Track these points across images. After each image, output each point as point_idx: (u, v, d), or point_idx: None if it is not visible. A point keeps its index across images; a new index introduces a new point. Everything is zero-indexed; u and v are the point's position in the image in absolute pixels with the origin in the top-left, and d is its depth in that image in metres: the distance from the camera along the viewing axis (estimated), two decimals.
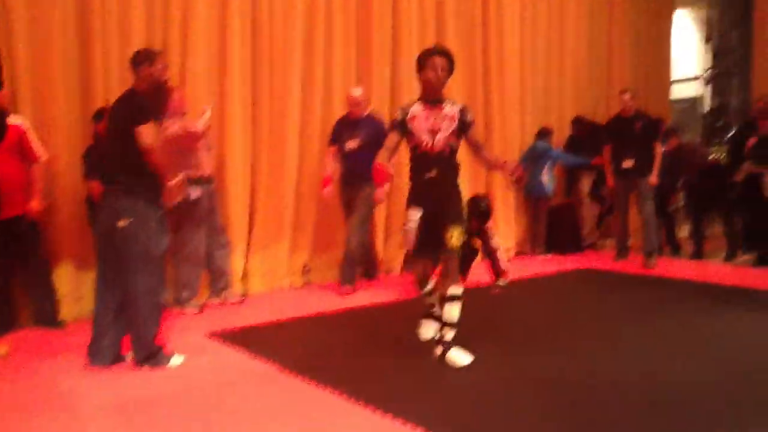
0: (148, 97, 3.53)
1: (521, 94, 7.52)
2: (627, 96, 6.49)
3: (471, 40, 6.99)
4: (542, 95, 7.77)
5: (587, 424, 2.70)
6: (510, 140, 7.32)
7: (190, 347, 3.90)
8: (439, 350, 3.51)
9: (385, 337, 4.07)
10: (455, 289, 3.51)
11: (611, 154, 6.64)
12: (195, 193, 4.74)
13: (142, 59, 3.55)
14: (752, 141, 6.32)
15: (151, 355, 3.50)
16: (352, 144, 5.35)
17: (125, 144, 3.40)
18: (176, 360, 3.59)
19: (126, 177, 3.45)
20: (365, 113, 5.44)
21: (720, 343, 3.86)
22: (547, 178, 7.14)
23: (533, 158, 7.13)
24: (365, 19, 6.16)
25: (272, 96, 5.63)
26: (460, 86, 6.75)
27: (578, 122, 7.64)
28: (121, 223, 3.39)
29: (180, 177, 3.99)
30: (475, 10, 6.99)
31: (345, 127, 5.45)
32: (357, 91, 5.45)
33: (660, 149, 6.55)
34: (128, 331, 3.54)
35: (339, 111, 5.78)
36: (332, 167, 5.45)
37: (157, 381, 3.34)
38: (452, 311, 3.51)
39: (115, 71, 4.76)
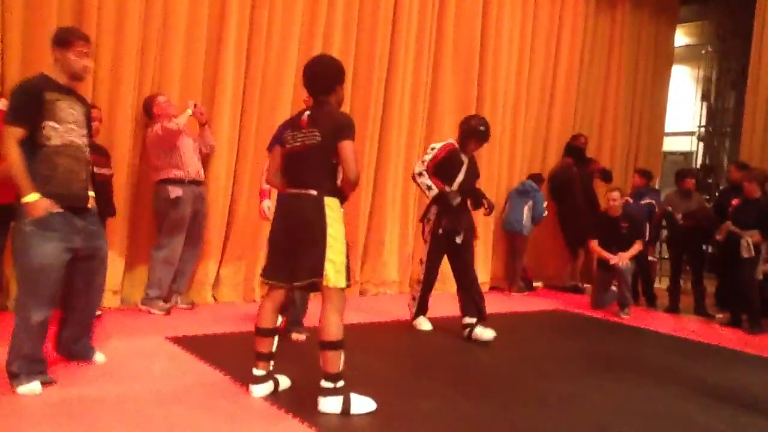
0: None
1: (512, 135, 7.64)
2: (615, 195, 6.59)
3: (466, 77, 7.09)
4: (531, 141, 7.89)
5: None
6: (496, 176, 7.38)
7: (148, 349, 3.90)
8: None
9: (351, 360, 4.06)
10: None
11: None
12: (175, 192, 4.75)
13: (56, 41, 3.20)
14: (736, 202, 6.39)
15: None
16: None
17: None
18: (99, 357, 3.56)
19: None
20: None
21: (674, 399, 3.86)
22: (526, 216, 7.22)
23: (519, 194, 7.32)
24: (366, 47, 6.25)
25: (262, 100, 5.65)
26: (453, 118, 6.86)
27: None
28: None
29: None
30: (472, 46, 7.09)
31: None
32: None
33: (639, 247, 6.64)
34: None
35: None
36: None
37: (102, 381, 3.31)
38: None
39: (106, 60, 4.79)
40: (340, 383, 3.05)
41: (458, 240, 4.84)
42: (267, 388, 3.24)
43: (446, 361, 4.33)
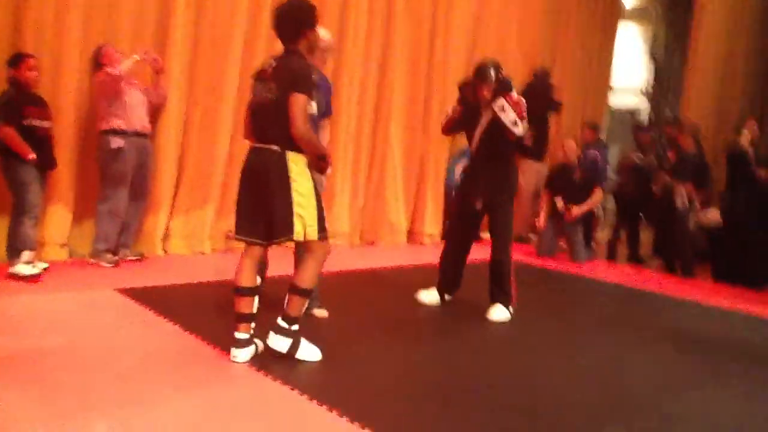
0: None
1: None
2: (571, 143, 6.77)
3: (418, 42, 7.10)
4: None
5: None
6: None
7: (97, 301, 3.92)
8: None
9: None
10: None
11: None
12: (116, 143, 4.71)
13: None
14: (671, 156, 6.66)
15: None
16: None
17: None
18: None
19: None
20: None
21: (603, 345, 4.11)
22: (457, 174, 7.42)
23: (460, 154, 7.55)
24: None
25: (212, 52, 5.54)
26: (404, 84, 6.92)
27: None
28: None
29: None
30: (424, 12, 7.08)
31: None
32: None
33: (599, 194, 6.90)
34: None
35: None
36: None
37: (51, 332, 3.32)
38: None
39: (48, 19, 4.66)
40: (295, 327, 3.12)
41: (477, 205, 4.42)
42: (249, 352, 3.11)
43: (393, 312, 4.47)
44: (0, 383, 2.67)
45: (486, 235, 7.82)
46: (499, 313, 4.31)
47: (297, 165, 3.01)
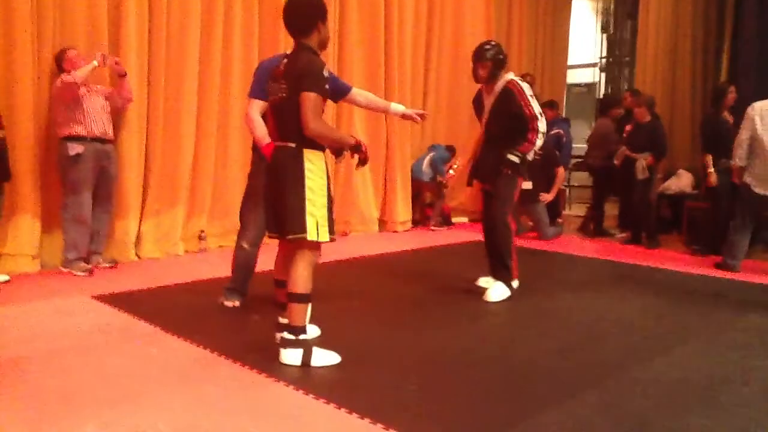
0: None
1: (424, 75, 7.83)
2: None
3: (373, 29, 7.15)
4: (446, 77, 8.10)
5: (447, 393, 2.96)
6: (407, 125, 7.49)
7: (74, 308, 3.93)
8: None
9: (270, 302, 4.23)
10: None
11: None
12: (74, 149, 4.68)
13: None
14: (628, 128, 6.83)
15: None
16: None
17: None
18: None
19: None
20: None
21: (573, 312, 4.25)
22: (425, 165, 7.61)
23: (427, 151, 7.73)
24: None
25: (169, 54, 5.54)
26: (362, 70, 6.97)
27: None
28: None
29: None
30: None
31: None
32: None
33: (562, 173, 7.07)
34: None
35: (239, 65, 5.84)
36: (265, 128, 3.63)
37: (29, 340, 3.34)
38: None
39: None
40: (302, 336, 3.04)
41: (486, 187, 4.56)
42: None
43: (380, 300, 4.55)
44: None
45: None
46: (497, 292, 4.34)
47: (313, 163, 3.00)
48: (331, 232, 3.05)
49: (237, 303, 4.06)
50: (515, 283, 4.44)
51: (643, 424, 2.55)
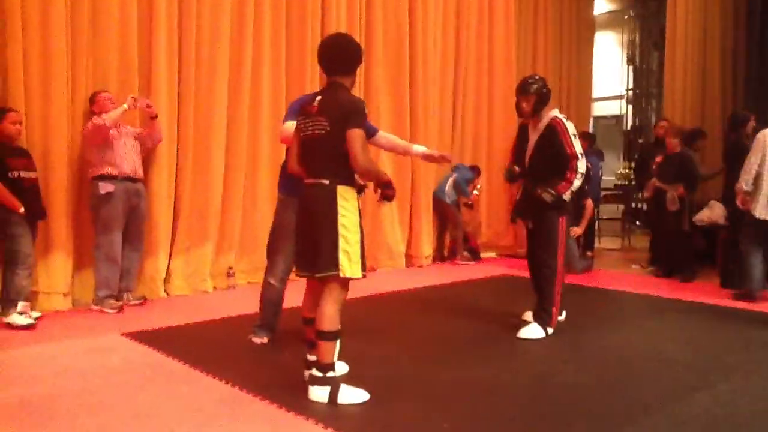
0: None
1: (452, 109, 7.89)
2: None
3: (398, 70, 7.23)
4: (472, 114, 8.15)
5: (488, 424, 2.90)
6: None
7: (104, 346, 3.94)
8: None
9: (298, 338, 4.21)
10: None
11: None
12: (105, 188, 4.77)
13: None
14: (659, 159, 6.74)
15: None
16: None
17: None
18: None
19: None
20: None
21: (611, 348, 4.15)
22: (449, 186, 7.58)
23: (451, 172, 7.69)
24: (295, 18, 6.30)
25: (197, 93, 5.65)
26: (388, 109, 7.08)
27: None
28: None
29: None
30: (401, 40, 7.22)
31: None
32: None
33: (590, 205, 7.00)
34: None
35: (267, 105, 5.93)
36: None
37: (61, 379, 3.35)
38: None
39: (34, 71, 4.74)
40: (330, 373, 3.02)
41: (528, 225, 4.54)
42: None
43: (395, 328, 4.51)
44: (19, 430, 2.69)
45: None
46: (531, 331, 4.26)
47: (346, 200, 3.01)
48: (363, 268, 3.04)
49: (266, 340, 4.05)
50: (550, 330, 4.31)
51: None
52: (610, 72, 12.33)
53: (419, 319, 4.86)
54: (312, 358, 3.15)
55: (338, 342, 3.06)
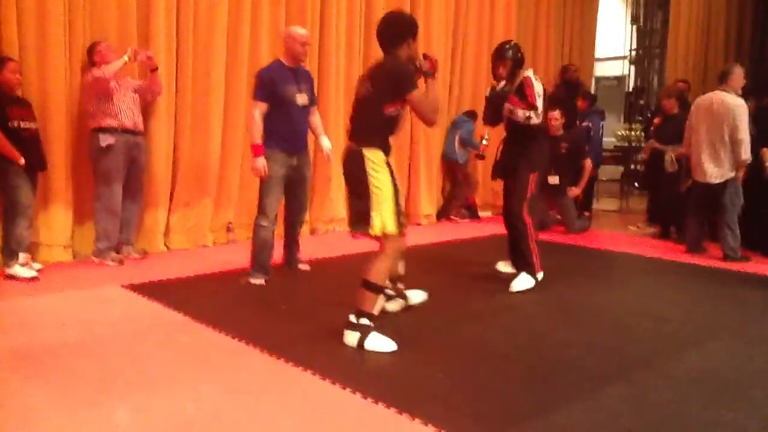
0: None
1: (451, 67, 7.79)
2: (556, 114, 6.82)
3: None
4: (470, 69, 8.06)
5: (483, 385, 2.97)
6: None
7: (105, 297, 4.00)
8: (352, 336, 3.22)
9: (300, 294, 4.27)
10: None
11: None
12: (106, 140, 4.76)
13: None
14: (657, 120, 6.73)
15: None
16: (303, 99, 4.50)
17: None
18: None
19: None
20: (304, 62, 4.70)
21: (602, 308, 4.21)
22: (457, 145, 7.55)
23: (452, 125, 7.67)
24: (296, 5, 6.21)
25: (196, 47, 5.59)
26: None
27: None
28: None
29: None
30: None
31: (284, 76, 4.43)
32: (304, 30, 4.66)
33: (589, 165, 7.01)
34: None
35: (267, 57, 5.75)
36: (261, 130, 4.36)
37: (63, 328, 3.41)
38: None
39: (30, 21, 4.69)
40: (363, 320, 3.19)
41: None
42: (396, 305, 3.73)
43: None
44: (21, 376, 2.76)
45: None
46: (521, 282, 4.43)
47: (374, 162, 3.18)
48: (399, 224, 3.19)
49: (263, 281, 4.34)
50: (540, 275, 4.51)
51: (671, 417, 2.53)
52: (612, 32, 12.16)
53: (415, 277, 4.90)
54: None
55: (380, 296, 3.27)
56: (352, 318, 3.21)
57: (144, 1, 5.26)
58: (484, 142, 6.87)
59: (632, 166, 9.89)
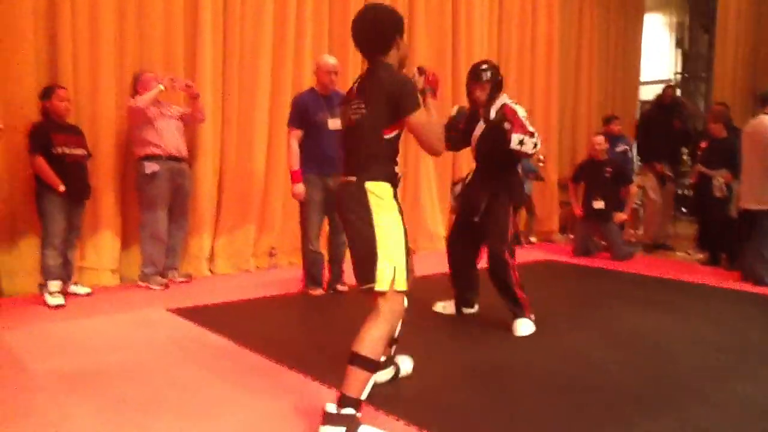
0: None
1: None
2: (600, 139, 6.78)
3: (441, 48, 7.22)
4: (512, 93, 8.03)
5: (519, 409, 2.90)
6: None
7: (151, 320, 4.06)
8: None
9: (344, 320, 4.26)
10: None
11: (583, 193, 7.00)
12: (150, 168, 4.87)
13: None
14: (704, 144, 6.58)
15: None
16: (335, 123, 4.44)
17: None
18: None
19: None
20: (336, 88, 4.74)
21: (647, 335, 4.09)
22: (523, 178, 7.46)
23: None
24: (339, 7, 6.32)
25: (242, 76, 5.73)
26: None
27: None
28: None
29: None
30: (444, 21, 7.21)
31: (316, 103, 4.64)
32: (333, 59, 4.74)
33: (634, 190, 6.94)
34: None
35: (310, 84, 5.86)
36: (297, 156, 4.58)
37: (111, 351, 3.47)
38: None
39: (83, 52, 4.86)
40: (347, 410, 2.33)
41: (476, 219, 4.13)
42: (386, 374, 2.93)
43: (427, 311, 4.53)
44: (70, 399, 2.80)
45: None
46: (522, 327, 3.97)
47: (380, 198, 2.48)
48: (408, 279, 2.49)
49: (321, 291, 4.82)
50: (533, 317, 4.03)
51: None
52: (657, 55, 12.02)
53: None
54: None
55: (373, 376, 2.41)
56: (330, 409, 2.33)
57: (191, 32, 5.42)
58: (541, 164, 6.59)
59: (678, 191, 9.67)
